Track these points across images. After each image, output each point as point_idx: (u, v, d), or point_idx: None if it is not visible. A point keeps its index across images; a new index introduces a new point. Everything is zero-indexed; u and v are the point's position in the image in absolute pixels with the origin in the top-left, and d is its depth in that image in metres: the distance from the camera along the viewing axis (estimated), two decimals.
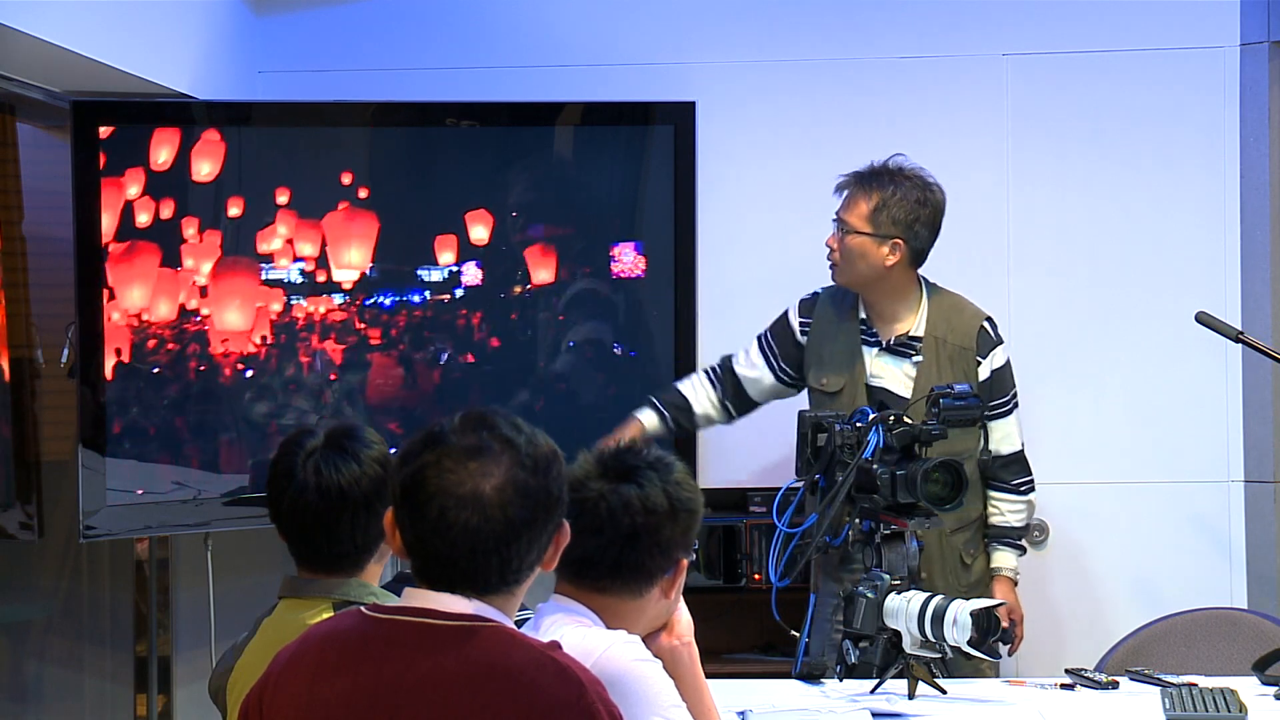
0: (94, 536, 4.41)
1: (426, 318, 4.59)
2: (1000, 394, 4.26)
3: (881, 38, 4.92)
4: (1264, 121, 4.77)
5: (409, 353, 4.59)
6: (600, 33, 4.96)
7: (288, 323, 4.52)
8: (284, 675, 2.24)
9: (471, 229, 4.61)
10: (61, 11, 4.04)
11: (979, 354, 4.24)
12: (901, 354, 4.26)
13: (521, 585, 2.22)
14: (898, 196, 4.20)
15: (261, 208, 4.51)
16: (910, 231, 4.20)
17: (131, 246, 4.41)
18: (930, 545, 4.18)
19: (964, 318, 4.28)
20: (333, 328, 4.55)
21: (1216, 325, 4.21)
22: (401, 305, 4.58)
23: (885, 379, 4.25)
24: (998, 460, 4.27)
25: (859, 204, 4.23)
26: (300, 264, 4.52)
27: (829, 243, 4.27)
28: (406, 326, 4.59)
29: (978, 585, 4.25)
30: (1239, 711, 3.31)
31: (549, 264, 4.65)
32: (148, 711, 4.86)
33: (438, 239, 4.59)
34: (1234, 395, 4.79)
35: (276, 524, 2.85)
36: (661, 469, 2.67)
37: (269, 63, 5.00)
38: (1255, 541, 4.77)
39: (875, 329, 4.28)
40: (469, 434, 2.18)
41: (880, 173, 4.24)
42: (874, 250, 4.21)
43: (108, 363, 4.38)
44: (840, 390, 4.25)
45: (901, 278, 4.25)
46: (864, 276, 4.24)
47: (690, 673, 2.74)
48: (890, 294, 4.27)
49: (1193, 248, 4.82)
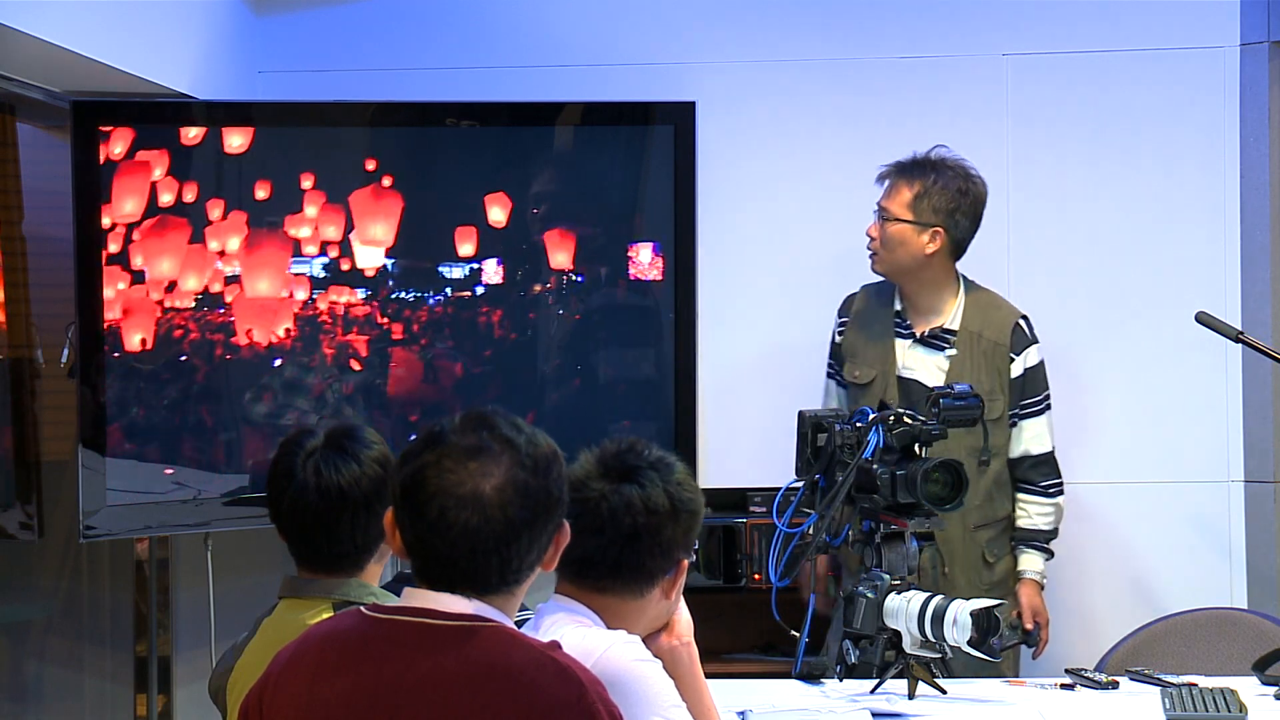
0: (94, 536, 4.41)
1: (425, 315, 4.58)
2: (1032, 393, 4.29)
3: (881, 38, 4.92)
4: (1264, 121, 4.77)
5: (407, 346, 4.59)
6: (600, 33, 4.96)
7: (311, 315, 4.52)
8: (284, 675, 2.24)
9: (462, 238, 4.60)
10: (61, 11, 4.04)
11: (1012, 350, 4.27)
12: (935, 346, 4.28)
13: (521, 585, 2.22)
14: (939, 185, 4.24)
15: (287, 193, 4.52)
16: (951, 220, 4.24)
17: (161, 221, 4.40)
18: (953, 541, 4.19)
19: (1000, 314, 4.31)
20: (355, 321, 4.55)
21: (1216, 325, 4.21)
22: (393, 303, 4.58)
23: (917, 371, 4.28)
24: (1027, 460, 4.29)
25: (901, 192, 4.26)
26: (323, 257, 4.52)
27: (869, 232, 4.31)
28: (389, 325, 4.59)
29: (999, 586, 4.26)
30: (1239, 711, 3.31)
31: (551, 262, 4.65)
32: (148, 711, 4.86)
33: (437, 236, 4.60)
34: (1234, 395, 4.79)
35: (276, 524, 2.86)
36: (663, 469, 2.67)
37: (269, 63, 5.00)
38: (1255, 541, 4.77)
39: (910, 321, 4.31)
40: (469, 434, 2.18)
41: (923, 162, 4.29)
42: (914, 238, 4.24)
43: (138, 337, 4.35)
44: (871, 382, 4.29)
45: (940, 269, 4.28)
46: (903, 265, 4.27)
47: (690, 673, 2.74)
48: (928, 285, 4.30)
49: (1193, 248, 4.82)
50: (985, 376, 4.23)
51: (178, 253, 4.45)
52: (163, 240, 4.43)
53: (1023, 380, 4.28)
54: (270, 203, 4.52)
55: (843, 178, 4.90)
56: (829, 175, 4.92)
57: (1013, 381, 4.26)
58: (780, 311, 4.93)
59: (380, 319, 4.57)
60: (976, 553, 4.24)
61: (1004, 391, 4.26)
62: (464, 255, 4.60)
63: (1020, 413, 4.27)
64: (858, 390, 4.32)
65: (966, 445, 4.18)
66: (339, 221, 4.54)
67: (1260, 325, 4.71)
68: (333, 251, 4.54)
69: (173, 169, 4.44)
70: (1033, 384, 4.30)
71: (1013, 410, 4.28)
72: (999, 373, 4.25)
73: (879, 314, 4.35)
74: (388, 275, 4.58)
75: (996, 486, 4.27)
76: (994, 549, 4.27)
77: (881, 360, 4.31)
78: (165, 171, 4.43)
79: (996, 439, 4.23)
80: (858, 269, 4.87)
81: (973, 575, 4.22)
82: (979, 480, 4.21)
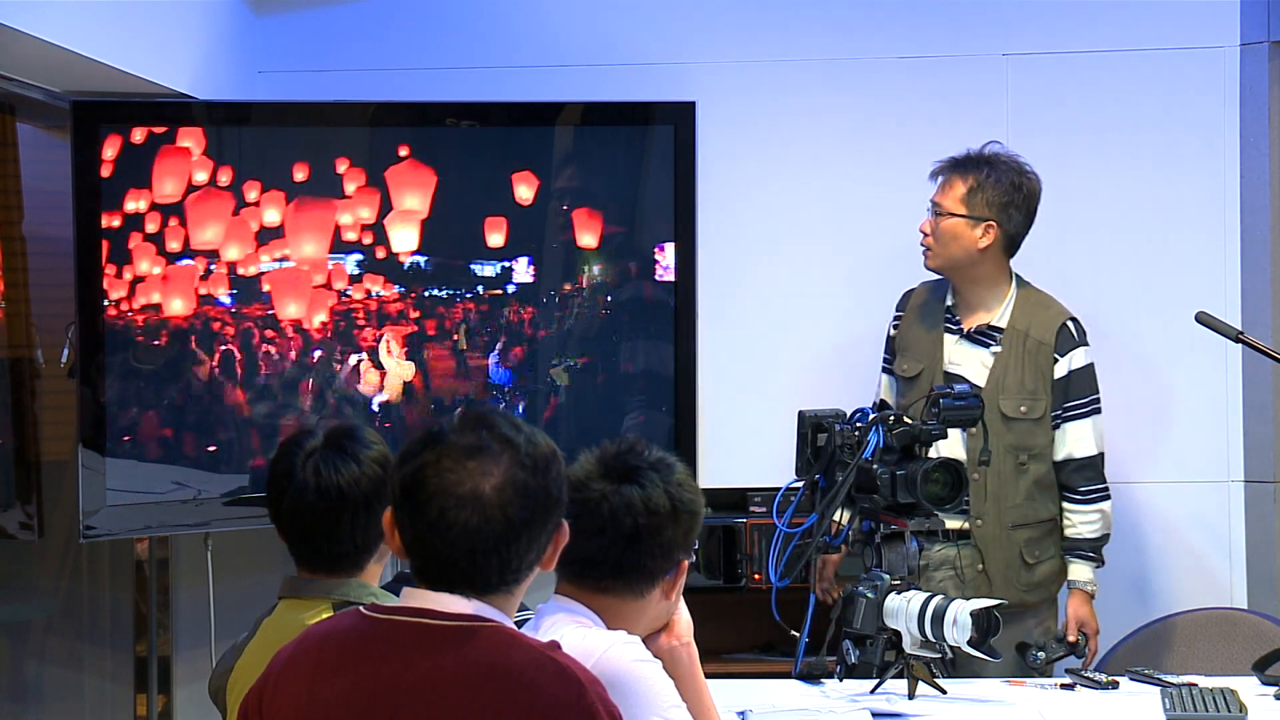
0: (94, 536, 4.41)
1: (421, 317, 4.59)
2: (1078, 395, 4.26)
3: (881, 38, 4.92)
4: (1264, 121, 4.77)
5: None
6: (600, 33, 4.96)
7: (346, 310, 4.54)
8: (284, 675, 2.24)
9: (462, 238, 4.60)
10: (61, 11, 4.04)
11: (1057, 351, 4.26)
12: (981, 342, 4.29)
13: (521, 585, 2.22)
14: (993, 180, 4.26)
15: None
16: (1004, 214, 4.25)
17: (204, 194, 4.40)
18: (988, 537, 4.19)
19: (1048, 314, 4.31)
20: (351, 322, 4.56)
21: (1216, 325, 4.21)
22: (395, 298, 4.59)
23: (963, 366, 4.28)
24: (1071, 464, 4.26)
25: (955, 186, 4.28)
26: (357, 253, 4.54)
27: (922, 228, 4.32)
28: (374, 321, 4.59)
29: (1039, 589, 4.24)
30: (1239, 711, 3.31)
31: (550, 262, 4.65)
32: (148, 711, 4.86)
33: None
34: (1234, 395, 4.79)
35: (276, 524, 2.86)
36: (663, 470, 2.67)
37: (269, 63, 5.00)
38: (1255, 541, 4.77)
39: (959, 317, 4.32)
40: (468, 433, 2.18)
41: (976, 158, 4.30)
42: (967, 232, 4.25)
43: (139, 334, 4.37)
44: (918, 375, 4.30)
45: (993, 264, 4.29)
46: (956, 260, 4.28)
47: (690, 673, 2.74)
48: (981, 281, 4.31)
49: (1193, 248, 4.82)
50: (1029, 376, 4.23)
51: (220, 222, 4.47)
52: (202, 216, 4.43)
53: (1067, 381, 4.26)
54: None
55: (843, 177, 4.90)
56: (829, 175, 4.92)
57: (1056, 382, 4.24)
58: (780, 311, 4.92)
59: (362, 318, 4.57)
60: (1014, 552, 4.22)
61: (1047, 392, 4.25)
62: (464, 255, 4.60)
63: (1064, 415, 4.25)
64: (905, 384, 4.33)
65: (1006, 444, 4.19)
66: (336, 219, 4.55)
67: (1260, 325, 4.71)
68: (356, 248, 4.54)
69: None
70: (1078, 386, 4.27)
71: (1056, 412, 4.26)
72: (1042, 373, 4.24)
73: (933, 309, 4.36)
74: (386, 274, 4.58)
75: (1038, 488, 4.24)
76: (1034, 550, 4.24)
77: (929, 355, 4.32)
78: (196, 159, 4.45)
79: (1038, 439, 4.23)
80: (858, 269, 4.89)
81: (1010, 574, 4.20)
82: (1018, 480, 4.21)
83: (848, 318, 4.87)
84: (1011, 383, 4.23)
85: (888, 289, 4.65)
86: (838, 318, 4.89)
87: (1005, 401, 4.21)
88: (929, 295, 4.40)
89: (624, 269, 4.68)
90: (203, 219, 4.46)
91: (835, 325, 4.89)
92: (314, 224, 4.53)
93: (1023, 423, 4.21)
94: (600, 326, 4.68)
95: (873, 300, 4.79)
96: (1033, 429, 4.20)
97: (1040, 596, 4.24)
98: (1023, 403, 4.22)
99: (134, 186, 4.41)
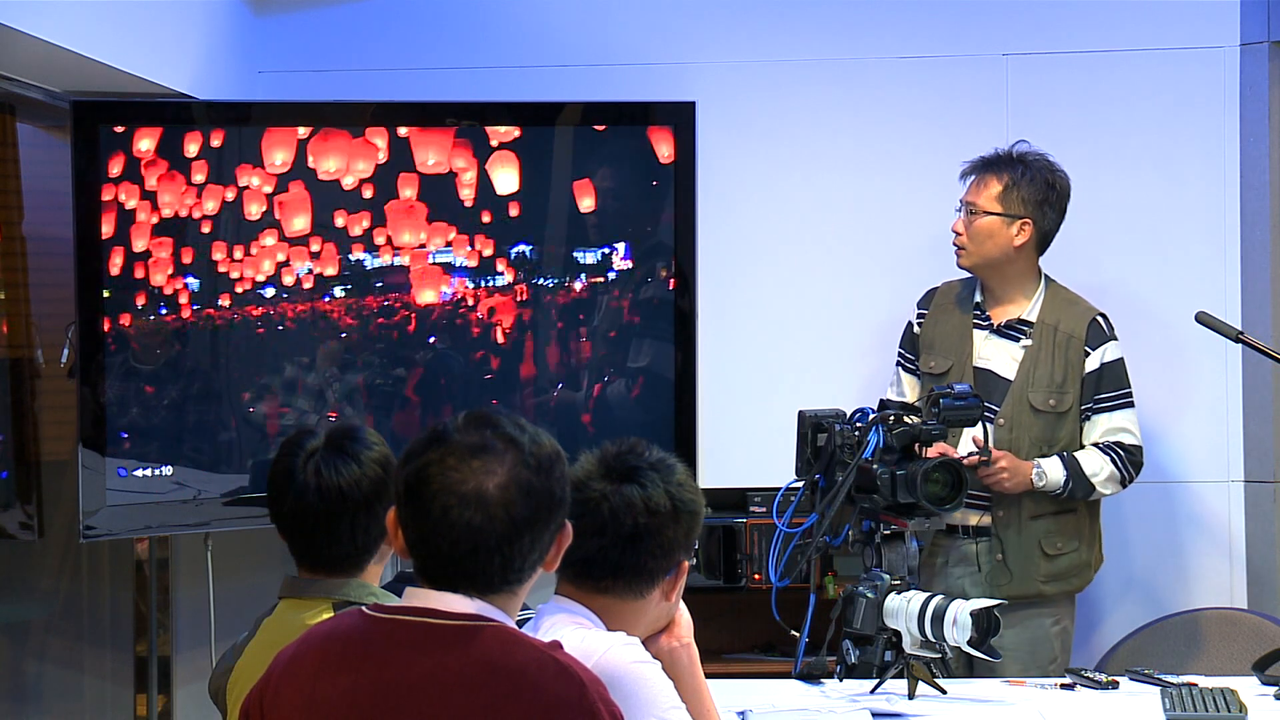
0: (94, 536, 4.40)
1: (421, 316, 4.59)
2: (1109, 388, 4.29)
3: (881, 38, 4.92)
4: (1264, 121, 4.77)
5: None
6: (600, 33, 4.96)
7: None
8: (285, 675, 2.24)
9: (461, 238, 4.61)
10: (61, 11, 4.04)
11: (1088, 344, 4.29)
12: (1010, 336, 4.31)
13: (523, 585, 2.22)
14: (1027, 178, 4.29)
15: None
16: (1039, 212, 4.29)
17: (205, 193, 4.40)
18: (1007, 530, 4.20)
19: (1077, 309, 4.34)
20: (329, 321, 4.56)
21: (1216, 325, 4.21)
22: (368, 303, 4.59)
23: (992, 361, 4.31)
24: (1121, 446, 4.27)
25: (989, 185, 4.30)
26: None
27: (955, 228, 4.34)
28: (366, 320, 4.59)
29: (1058, 580, 4.25)
30: (1239, 711, 3.32)
31: (549, 263, 4.65)
32: (148, 711, 4.86)
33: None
34: (1234, 395, 4.79)
35: (277, 525, 2.86)
36: (664, 470, 2.67)
37: (269, 63, 5.00)
38: (1255, 541, 4.77)
39: (988, 312, 4.33)
40: (472, 432, 2.18)
41: (1007, 157, 4.34)
42: (1003, 231, 4.27)
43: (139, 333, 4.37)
44: (947, 372, 4.32)
45: (1026, 262, 4.32)
46: (991, 258, 4.30)
47: (690, 674, 2.74)
48: (1012, 279, 4.33)
49: (1193, 248, 4.82)
50: (1058, 369, 4.25)
51: (220, 222, 4.46)
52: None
53: (1098, 375, 4.28)
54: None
55: (843, 177, 4.90)
56: (829, 175, 4.92)
57: (1086, 376, 4.27)
58: (780, 311, 4.92)
59: (348, 318, 4.58)
60: (1032, 543, 4.23)
61: (1076, 386, 4.27)
62: (464, 255, 4.60)
63: (1095, 406, 4.27)
64: (932, 380, 4.33)
65: (1032, 436, 4.20)
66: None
67: (1260, 325, 4.71)
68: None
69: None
70: (1110, 379, 4.29)
71: (1086, 404, 4.27)
72: (1072, 366, 4.26)
73: (960, 306, 4.38)
74: (380, 272, 4.58)
75: None
76: (1055, 541, 4.25)
77: (958, 351, 4.33)
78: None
79: (1063, 432, 4.25)
80: (858, 268, 4.89)
81: (1029, 565, 4.22)
82: None
83: (848, 318, 4.88)
84: (1041, 375, 4.25)
85: (888, 288, 4.66)
86: (838, 318, 4.89)
87: (1034, 394, 4.24)
88: (955, 292, 4.41)
89: (624, 269, 4.67)
90: (203, 219, 4.46)
91: (835, 325, 4.89)
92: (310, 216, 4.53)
93: (1049, 415, 4.24)
94: (599, 326, 4.67)
95: (873, 300, 4.80)
96: (1059, 421, 4.24)
97: (1059, 589, 4.24)
98: (1051, 395, 4.24)
99: (134, 186, 4.40)
